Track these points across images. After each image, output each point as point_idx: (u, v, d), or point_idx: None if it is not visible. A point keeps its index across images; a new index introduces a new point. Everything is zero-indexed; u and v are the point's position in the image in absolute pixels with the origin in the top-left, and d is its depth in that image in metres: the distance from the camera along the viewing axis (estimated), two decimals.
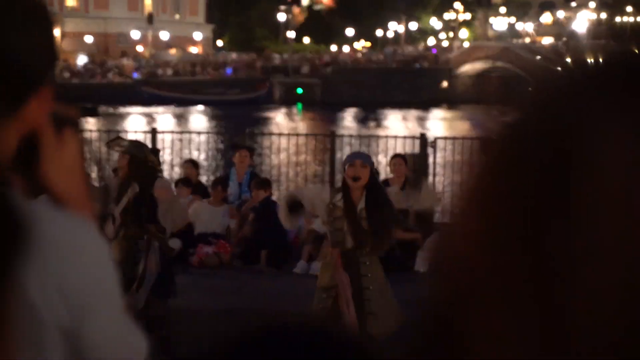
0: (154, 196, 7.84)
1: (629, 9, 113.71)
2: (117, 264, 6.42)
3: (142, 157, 7.87)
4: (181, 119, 56.22)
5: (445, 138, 15.03)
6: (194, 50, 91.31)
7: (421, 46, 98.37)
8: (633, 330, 0.60)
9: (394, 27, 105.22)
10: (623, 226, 0.63)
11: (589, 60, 0.68)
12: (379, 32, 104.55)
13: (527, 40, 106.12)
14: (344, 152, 15.47)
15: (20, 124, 1.54)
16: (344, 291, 7.25)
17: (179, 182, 13.81)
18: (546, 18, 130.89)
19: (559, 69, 0.71)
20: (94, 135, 16.86)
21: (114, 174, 8.01)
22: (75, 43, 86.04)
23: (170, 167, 18.45)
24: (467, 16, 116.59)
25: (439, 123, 54.38)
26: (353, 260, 7.28)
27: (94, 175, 7.22)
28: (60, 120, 1.65)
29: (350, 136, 17.44)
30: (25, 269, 1.43)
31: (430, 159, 15.04)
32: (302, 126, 52.79)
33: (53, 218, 1.52)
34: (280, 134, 19.74)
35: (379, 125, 53.32)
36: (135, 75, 74.12)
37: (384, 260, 11.76)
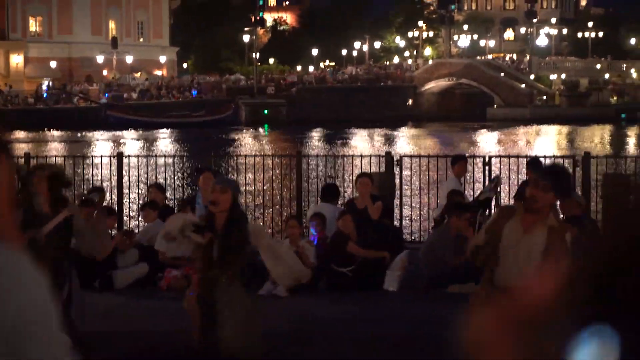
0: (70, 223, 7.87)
1: (590, 24, 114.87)
2: None
3: (65, 182, 8.04)
4: (147, 142, 56.03)
5: (410, 156, 15.09)
6: (158, 73, 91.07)
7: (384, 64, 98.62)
8: None
9: (358, 46, 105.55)
10: None
11: None
12: (344, 52, 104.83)
13: (490, 56, 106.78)
14: (310, 171, 15.51)
15: None
16: (192, 314, 7.34)
17: (146, 206, 13.77)
18: (508, 34, 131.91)
19: None
20: (59, 160, 16.74)
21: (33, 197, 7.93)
22: (39, 68, 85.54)
23: (136, 191, 18.40)
24: (431, 34, 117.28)
25: (404, 141, 54.59)
26: (208, 284, 7.19)
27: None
28: None
29: (316, 156, 17.48)
30: None
31: (397, 177, 15.09)
32: (268, 147, 52.79)
33: None
34: (245, 155, 19.75)
35: (344, 144, 53.44)
36: (104, 99, 73.56)
37: (351, 278, 11.83)
